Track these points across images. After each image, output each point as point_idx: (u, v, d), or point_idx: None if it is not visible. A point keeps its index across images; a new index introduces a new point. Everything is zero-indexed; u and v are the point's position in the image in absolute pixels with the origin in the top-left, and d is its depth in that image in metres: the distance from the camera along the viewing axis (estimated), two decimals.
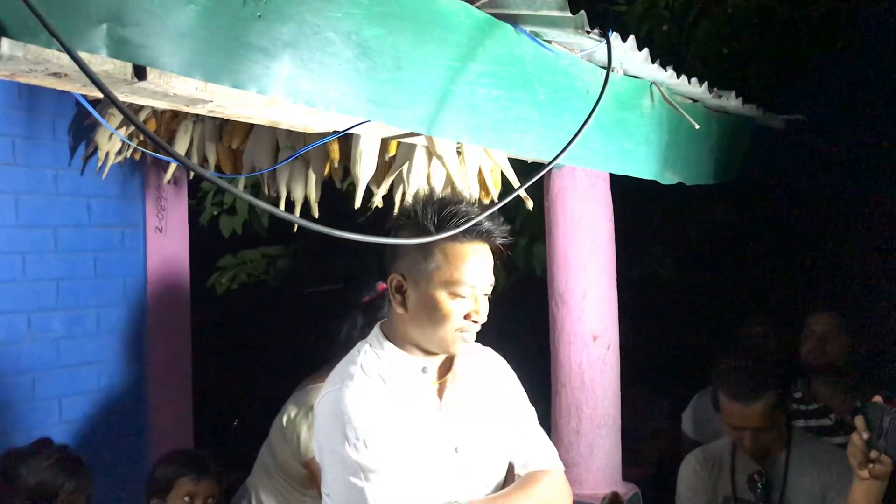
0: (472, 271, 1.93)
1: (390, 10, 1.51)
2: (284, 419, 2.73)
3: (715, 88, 2.76)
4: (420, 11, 1.58)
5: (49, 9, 0.99)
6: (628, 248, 3.19)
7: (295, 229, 3.03)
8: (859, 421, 1.95)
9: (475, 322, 1.97)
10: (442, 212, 1.92)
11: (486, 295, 1.99)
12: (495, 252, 1.99)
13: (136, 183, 3.74)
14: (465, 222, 1.87)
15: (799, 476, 2.68)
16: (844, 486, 2.44)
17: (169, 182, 3.72)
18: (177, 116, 3.29)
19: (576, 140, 1.80)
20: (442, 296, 1.93)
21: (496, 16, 1.82)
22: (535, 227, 3.06)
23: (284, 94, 1.32)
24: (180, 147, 3.30)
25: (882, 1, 3.91)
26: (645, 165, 2.57)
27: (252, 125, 3.07)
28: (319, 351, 2.76)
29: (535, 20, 1.87)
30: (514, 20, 1.85)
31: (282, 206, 3.16)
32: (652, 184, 2.83)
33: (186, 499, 2.74)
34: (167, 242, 3.87)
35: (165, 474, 2.79)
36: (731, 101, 2.89)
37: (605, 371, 3.07)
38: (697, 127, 2.53)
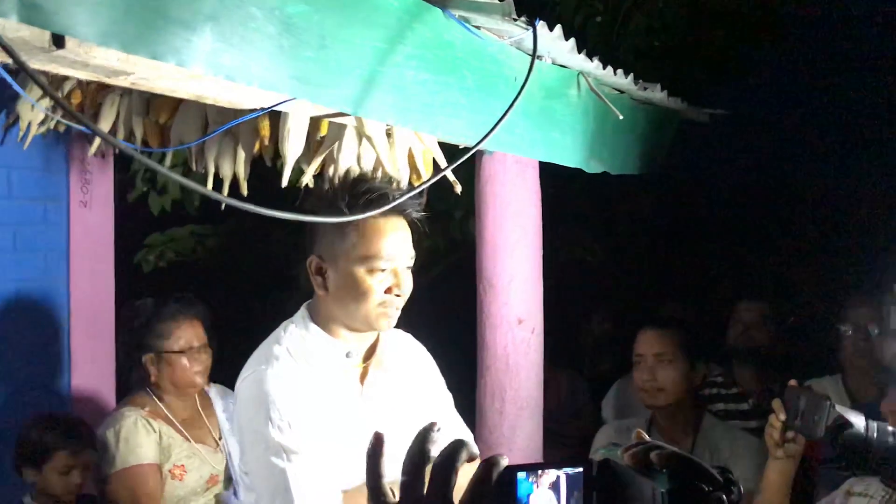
0: (389, 245, 1.96)
1: None
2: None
3: (641, 81, 2.83)
4: None
5: None
6: (556, 234, 3.25)
7: (223, 207, 2.99)
8: (776, 403, 2.05)
9: (397, 296, 2.00)
10: (354, 190, 1.94)
11: (407, 268, 2.02)
12: (411, 225, 2.02)
13: (59, 155, 3.63)
14: (378, 198, 1.90)
15: (701, 459, 2.79)
16: (743, 467, 2.57)
17: (94, 155, 3.63)
18: (104, 89, 3.21)
19: (502, 126, 1.83)
20: (360, 272, 1.96)
21: None
22: (470, 201, 3.10)
23: (205, 67, 1.31)
24: (106, 120, 3.22)
25: (806, 2, 4.05)
26: (571, 154, 2.62)
27: (181, 100, 3.01)
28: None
29: (464, 5, 1.89)
30: (443, 4, 1.87)
31: (209, 183, 3.12)
32: (582, 172, 2.89)
33: (64, 471, 2.71)
34: (92, 217, 3.78)
35: (42, 443, 2.72)
36: (657, 94, 2.97)
37: (529, 354, 3.12)
38: (622, 117, 2.59)
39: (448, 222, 4.45)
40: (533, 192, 3.11)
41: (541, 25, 2.02)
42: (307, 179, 2.61)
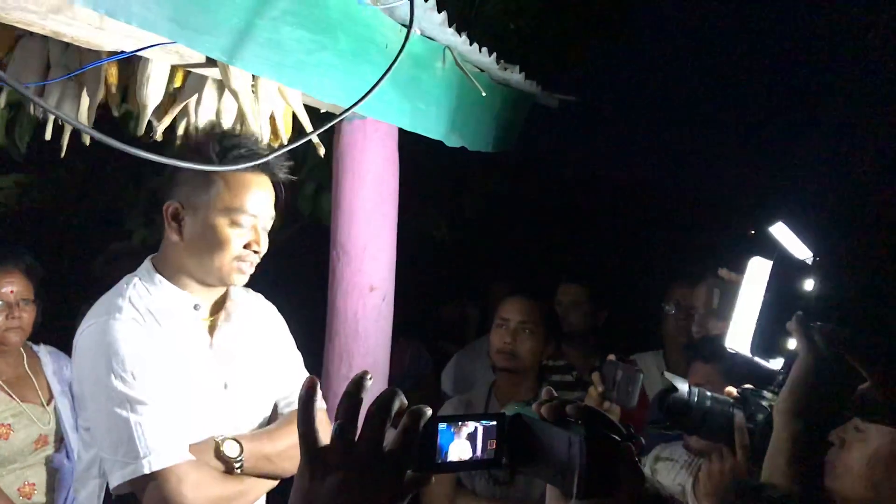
0: (254, 200, 1.98)
1: None
2: None
3: (502, 61, 2.92)
4: None
5: None
6: (407, 207, 3.31)
7: (62, 155, 2.82)
8: (595, 376, 2.21)
9: (255, 252, 2.00)
10: (225, 142, 1.93)
11: (265, 229, 2.02)
12: (276, 187, 2.03)
13: None
14: (249, 153, 1.90)
15: None
16: None
17: None
18: None
19: (373, 93, 1.85)
20: (222, 223, 1.95)
21: None
22: (322, 176, 3.08)
23: (84, 0, 1.25)
24: None
25: (654, 3, 4.32)
26: (434, 126, 2.68)
27: (20, 36, 2.80)
28: None
29: None
30: None
31: (48, 129, 2.93)
32: (436, 148, 2.96)
33: None
34: None
35: None
36: (515, 75, 3.08)
37: (378, 321, 3.17)
38: (484, 94, 2.68)
39: (295, 195, 4.42)
40: (391, 162, 3.14)
41: None
42: (159, 132, 2.52)
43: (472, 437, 1.04)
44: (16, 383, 2.85)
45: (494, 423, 1.05)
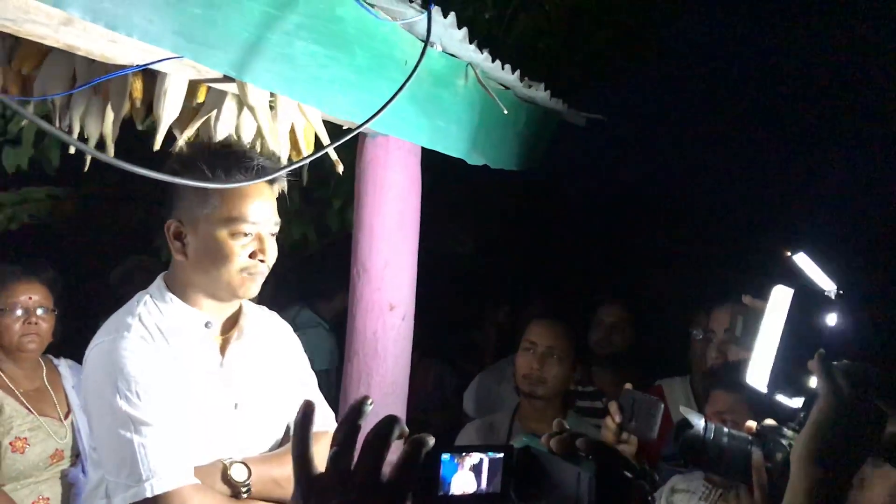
0: (253, 208, 1.93)
1: None
2: None
3: (526, 78, 2.88)
4: None
5: None
6: (431, 225, 3.27)
7: (86, 168, 2.83)
8: (612, 406, 2.14)
9: (261, 261, 1.96)
10: (218, 154, 1.90)
11: (272, 235, 1.98)
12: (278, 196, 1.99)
13: None
14: (244, 163, 1.86)
15: None
16: None
17: None
18: None
19: (388, 109, 1.82)
20: (223, 235, 1.91)
21: None
22: (349, 192, 3.07)
23: (83, 11, 1.23)
24: None
25: (681, 22, 4.25)
26: (454, 143, 2.63)
27: (49, 50, 2.83)
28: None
29: None
30: None
31: (73, 141, 2.95)
32: (460, 165, 2.92)
33: None
34: None
35: None
36: (540, 93, 3.03)
37: (398, 341, 3.12)
38: (506, 112, 2.63)
39: (325, 209, 4.41)
40: (413, 180, 3.10)
41: (435, 10, 2.02)
42: (179, 145, 2.51)
43: (476, 469, 0.99)
44: (34, 396, 2.85)
45: (501, 455, 1.00)
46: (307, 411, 0.94)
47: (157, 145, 2.39)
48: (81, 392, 2.08)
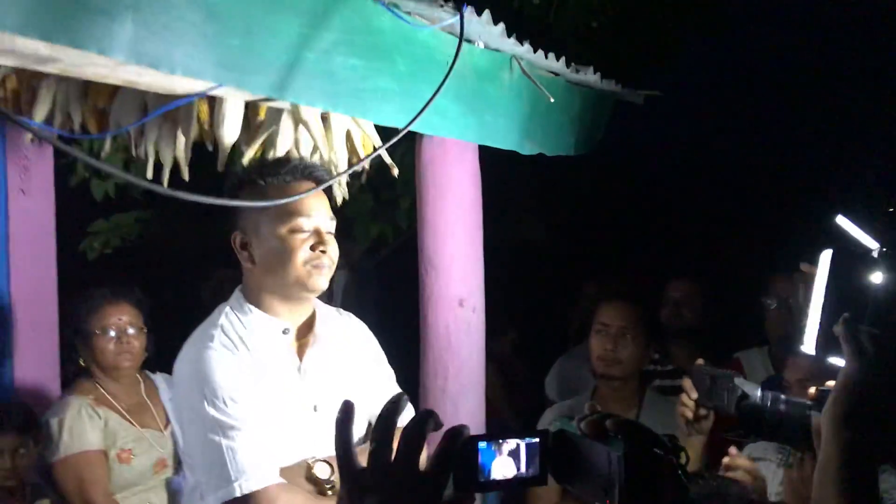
0: (306, 204, 2.02)
1: None
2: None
3: (573, 64, 2.89)
4: None
5: None
6: (502, 214, 3.31)
7: (166, 189, 2.99)
8: (687, 383, 2.14)
9: (323, 252, 2.04)
10: (268, 166, 2.00)
11: (329, 233, 2.07)
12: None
13: None
14: (293, 167, 1.96)
15: None
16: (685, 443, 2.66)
17: (32, 141, 3.59)
18: (40, 74, 3.17)
19: (433, 110, 1.88)
20: (283, 232, 2.02)
21: None
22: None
23: (127, 55, 1.34)
24: (43, 105, 3.18)
25: None
26: (504, 136, 2.67)
27: (119, 86, 3.00)
28: None
29: None
30: None
31: (150, 168, 3.12)
32: (520, 154, 2.95)
33: None
34: (31, 204, 3.72)
35: None
36: (590, 76, 3.04)
37: (470, 333, 3.19)
38: (553, 100, 2.65)
39: (394, 210, 4.52)
40: (472, 174, 3.15)
41: (469, 11, 2.06)
42: (245, 163, 2.63)
43: (514, 455, 1.04)
44: (135, 410, 3.03)
45: (537, 439, 1.05)
46: (346, 411, 1.01)
47: (221, 166, 2.52)
48: (173, 402, 2.22)
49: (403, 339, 3.32)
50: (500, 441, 1.03)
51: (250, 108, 2.67)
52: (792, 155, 3.85)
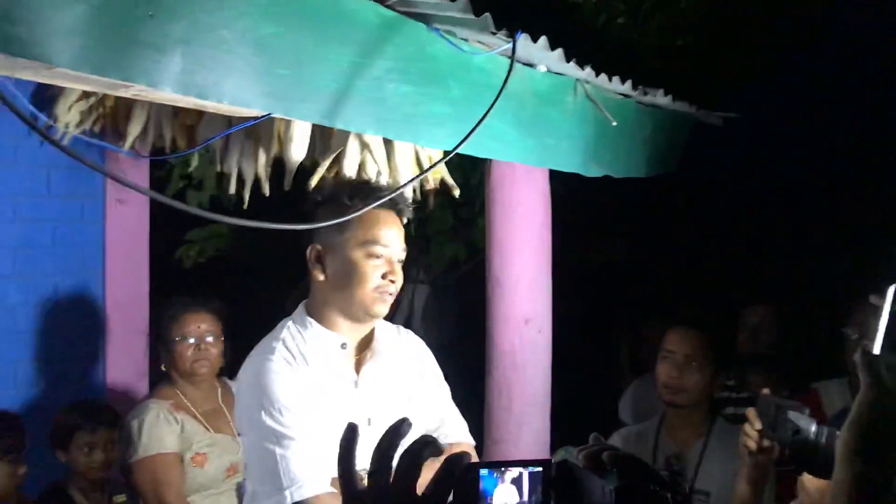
0: (386, 233, 2.10)
1: (290, 10, 1.60)
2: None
3: (640, 86, 2.86)
4: (322, 10, 1.68)
5: None
6: (575, 236, 3.30)
7: (245, 206, 3.14)
8: (751, 413, 2.07)
9: (392, 282, 2.11)
10: (354, 187, 2.07)
11: (399, 262, 2.13)
12: (405, 226, 2.14)
13: (96, 154, 3.81)
14: (376, 193, 2.03)
15: (711, 462, 2.80)
16: None
17: (129, 153, 3.80)
18: None
19: (489, 134, 1.91)
20: (359, 256, 2.09)
21: (408, 14, 1.92)
22: None
23: (175, 87, 1.42)
24: (137, 122, 3.39)
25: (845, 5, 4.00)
26: (567, 159, 2.67)
27: None
28: None
29: (447, 20, 1.97)
30: (426, 19, 1.95)
31: (232, 183, 3.27)
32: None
33: (85, 449, 2.93)
34: (128, 213, 3.95)
35: (64, 426, 2.97)
36: (660, 98, 3.00)
37: (536, 353, 3.19)
38: (615, 123, 2.64)
39: (471, 229, 4.56)
40: (541, 195, 3.17)
41: (523, 37, 2.08)
42: (313, 183, 2.73)
43: (517, 483, 1.06)
44: (211, 415, 3.16)
45: (540, 469, 1.06)
46: (351, 431, 1.05)
47: (287, 185, 2.62)
48: (235, 411, 2.32)
49: (476, 357, 3.35)
50: (503, 469, 1.05)
51: (322, 129, 2.77)
52: (878, 179, 3.67)
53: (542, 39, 2.22)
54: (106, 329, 3.82)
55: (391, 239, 2.12)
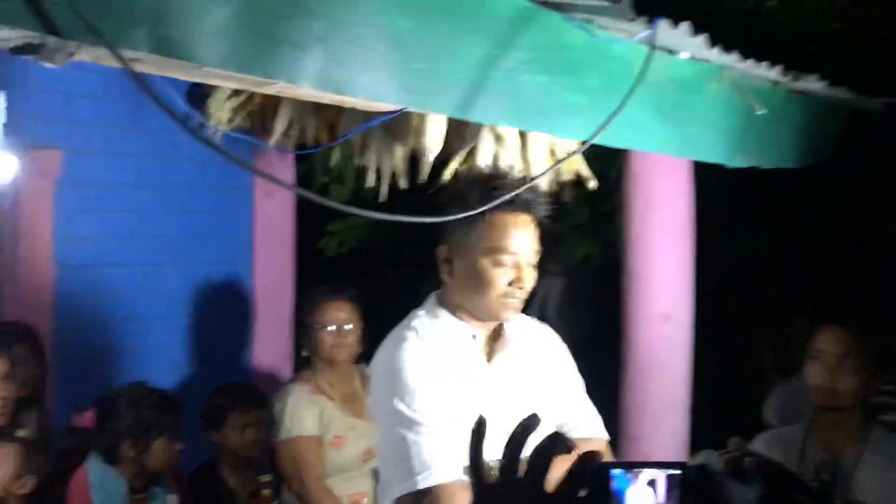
0: (514, 240, 2.05)
1: (425, 4, 1.62)
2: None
3: (792, 71, 2.70)
4: (456, 4, 1.68)
5: (96, 12, 1.17)
6: (720, 229, 3.17)
7: (382, 200, 3.20)
8: None
9: (520, 288, 2.08)
10: (485, 186, 2.04)
11: (529, 265, 2.10)
12: (539, 224, 2.09)
13: (245, 149, 3.99)
14: (505, 194, 1.99)
15: (868, 473, 2.63)
16: None
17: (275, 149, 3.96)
18: None
19: (625, 123, 1.86)
20: (485, 264, 2.06)
21: (543, 4, 1.90)
22: None
23: (314, 83, 1.46)
24: (282, 119, 3.53)
25: None
26: (709, 149, 2.56)
27: None
28: None
29: (584, 8, 1.93)
30: (561, 8, 1.92)
31: (371, 176, 3.35)
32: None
33: (239, 429, 3.07)
34: (274, 206, 4.14)
35: (217, 408, 3.12)
36: (812, 84, 2.82)
37: (674, 350, 3.10)
38: (759, 112, 2.50)
39: (608, 223, 4.46)
40: (683, 188, 3.07)
41: (664, 23, 2.01)
42: (447, 177, 2.75)
43: (653, 485, 1.03)
44: (349, 400, 3.27)
45: (679, 472, 1.03)
46: (479, 426, 1.05)
47: (424, 176, 2.65)
48: (369, 397, 2.38)
49: (611, 352, 3.28)
50: (637, 469, 1.02)
51: (456, 122, 2.78)
52: None
53: (684, 25, 2.13)
54: (254, 316, 4.02)
55: (520, 244, 2.07)
